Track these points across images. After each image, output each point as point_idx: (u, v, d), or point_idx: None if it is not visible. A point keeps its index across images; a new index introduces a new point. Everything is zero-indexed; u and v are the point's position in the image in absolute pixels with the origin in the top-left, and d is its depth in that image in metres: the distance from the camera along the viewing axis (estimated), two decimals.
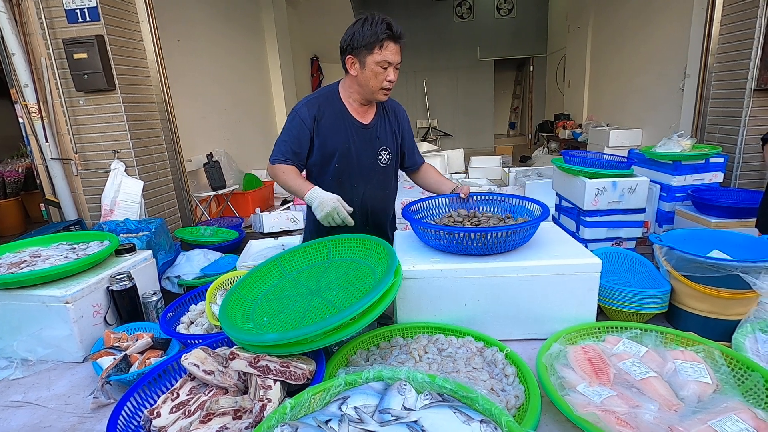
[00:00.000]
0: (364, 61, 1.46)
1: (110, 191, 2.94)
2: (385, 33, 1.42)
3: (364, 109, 1.62)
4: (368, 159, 1.64)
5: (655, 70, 4.89)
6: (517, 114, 13.33)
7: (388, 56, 1.45)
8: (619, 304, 1.26)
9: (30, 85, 2.90)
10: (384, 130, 1.67)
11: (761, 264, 1.11)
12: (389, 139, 1.68)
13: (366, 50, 1.44)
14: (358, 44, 1.45)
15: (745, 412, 0.79)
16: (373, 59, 1.45)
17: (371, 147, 1.64)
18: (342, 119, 1.59)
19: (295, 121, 1.57)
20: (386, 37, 1.42)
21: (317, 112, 1.56)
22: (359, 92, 1.56)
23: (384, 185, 1.72)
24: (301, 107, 1.57)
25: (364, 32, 1.43)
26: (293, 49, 7.17)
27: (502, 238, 1.21)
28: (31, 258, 1.52)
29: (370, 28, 1.43)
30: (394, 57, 1.46)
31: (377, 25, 1.42)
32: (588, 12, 6.86)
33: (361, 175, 1.64)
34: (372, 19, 1.44)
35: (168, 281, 2.36)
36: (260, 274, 1.24)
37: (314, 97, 1.60)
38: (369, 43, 1.43)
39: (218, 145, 4.95)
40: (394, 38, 1.45)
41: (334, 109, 1.58)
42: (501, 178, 5.24)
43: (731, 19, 2.99)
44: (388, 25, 1.43)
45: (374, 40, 1.42)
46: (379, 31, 1.41)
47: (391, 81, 1.49)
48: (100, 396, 1.09)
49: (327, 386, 0.84)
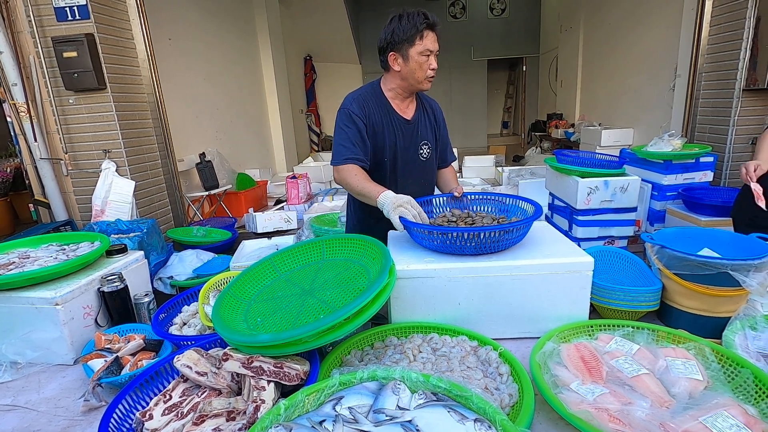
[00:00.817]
0: (407, 54, 1.51)
1: (101, 191, 2.91)
2: (424, 23, 1.48)
3: (406, 104, 1.67)
4: (411, 153, 1.68)
5: (646, 71, 4.93)
6: (510, 114, 13.39)
7: (429, 45, 1.50)
8: (612, 302, 1.27)
9: (18, 83, 2.86)
10: (424, 125, 1.72)
11: (750, 262, 1.12)
12: (429, 135, 1.73)
13: (408, 43, 1.50)
14: (399, 39, 1.50)
15: (735, 408, 0.80)
16: (415, 50, 1.50)
17: (414, 142, 1.68)
18: (388, 115, 1.62)
19: (349, 118, 1.57)
20: (425, 26, 1.48)
21: (366, 107, 1.58)
22: (403, 86, 1.60)
23: (423, 179, 1.76)
24: (351, 104, 1.59)
25: (403, 27, 1.48)
26: (286, 49, 7.15)
27: (495, 237, 1.22)
28: (20, 259, 1.50)
29: (409, 21, 1.48)
30: (434, 44, 1.52)
31: (415, 17, 1.48)
32: (580, 12, 6.90)
33: (405, 169, 1.68)
34: (408, 14, 1.50)
35: (160, 282, 2.34)
36: (253, 275, 1.23)
37: (359, 94, 1.62)
38: (410, 36, 1.48)
39: (211, 145, 4.92)
40: (432, 26, 1.50)
41: (380, 105, 1.61)
42: (494, 177, 5.26)
43: (720, 20, 3.03)
44: (425, 15, 1.49)
45: (414, 32, 1.48)
46: (418, 23, 1.47)
47: (434, 69, 1.55)
48: (91, 399, 1.07)
49: (321, 387, 0.83)
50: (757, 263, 1.12)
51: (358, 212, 1.78)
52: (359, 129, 1.57)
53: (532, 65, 10.93)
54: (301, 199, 4.17)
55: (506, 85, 13.16)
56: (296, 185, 4.15)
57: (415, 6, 1.52)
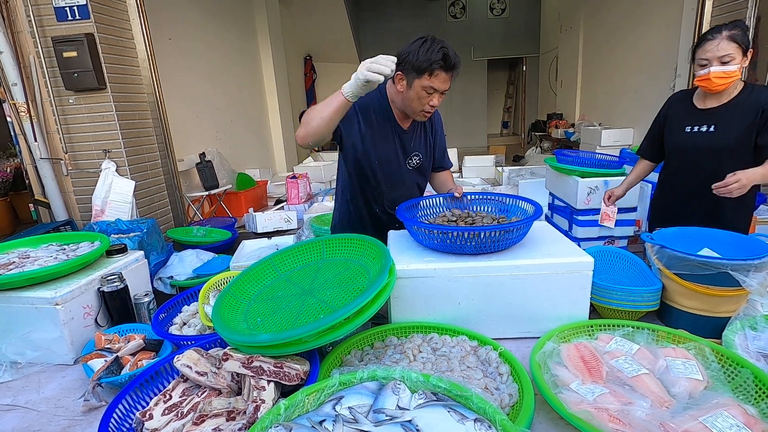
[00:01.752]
0: (412, 82, 1.43)
1: (101, 191, 2.91)
2: (439, 63, 1.38)
3: (403, 115, 1.61)
4: (400, 162, 1.66)
5: (646, 70, 4.94)
6: (510, 113, 13.40)
7: (436, 84, 1.42)
8: (612, 302, 1.27)
9: (18, 83, 2.86)
10: (419, 136, 1.67)
11: (750, 262, 1.12)
12: (421, 146, 1.69)
13: (416, 73, 1.41)
14: (410, 65, 1.40)
15: (735, 408, 0.80)
16: (420, 83, 1.42)
17: (404, 152, 1.65)
18: (388, 119, 1.58)
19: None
20: (439, 66, 1.39)
21: (372, 105, 1.54)
22: (399, 107, 1.56)
23: (411, 184, 1.74)
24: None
25: (419, 55, 1.38)
26: (286, 49, 7.16)
27: (495, 237, 1.22)
28: (20, 259, 1.50)
29: (426, 54, 1.37)
30: (442, 85, 1.44)
31: (433, 52, 1.37)
32: (580, 12, 6.91)
33: (391, 176, 1.66)
34: (431, 43, 1.39)
35: (160, 282, 2.34)
36: (253, 275, 1.23)
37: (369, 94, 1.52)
38: (420, 68, 1.39)
39: (211, 145, 4.93)
40: (447, 68, 1.41)
41: (382, 108, 1.57)
42: (494, 177, 5.26)
43: (720, 20, 3.03)
44: (445, 54, 1.38)
45: (426, 67, 1.38)
46: (433, 60, 1.37)
47: (433, 106, 1.48)
48: (91, 398, 1.07)
49: (321, 386, 0.83)
50: (757, 263, 1.12)
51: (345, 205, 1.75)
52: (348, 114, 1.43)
53: (532, 65, 10.94)
54: (301, 199, 4.17)
55: (506, 85, 13.16)
56: (296, 185, 4.16)
57: (415, 7, 1.50)
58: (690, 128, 1.76)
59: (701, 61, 1.61)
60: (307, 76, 8.65)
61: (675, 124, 1.83)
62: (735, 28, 1.56)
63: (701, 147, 1.74)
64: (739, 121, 1.66)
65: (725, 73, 1.57)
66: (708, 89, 1.65)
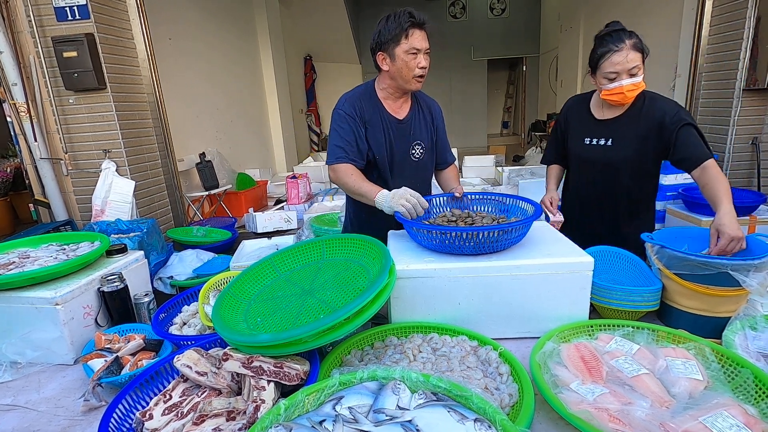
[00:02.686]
0: (394, 53, 1.51)
1: (101, 191, 2.91)
2: (408, 21, 1.47)
3: (399, 104, 1.66)
4: (403, 154, 1.68)
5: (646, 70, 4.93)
6: (510, 113, 13.40)
7: (416, 43, 1.49)
8: (612, 302, 1.27)
9: (18, 83, 2.86)
10: (419, 124, 1.71)
11: (750, 262, 1.12)
12: (424, 135, 1.72)
13: (393, 43, 1.50)
14: (386, 39, 1.50)
15: (735, 408, 0.80)
16: (401, 49, 1.50)
17: (405, 142, 1.68)
18: (379, 114, 1.63)
19: (345, 118, 1.59)
20: (410, 25, 1.47)
21: (359, 107, 1.60)
22: (393, 86, 1.60)
23: (417, 180, 1.73)
24: (344, 104, 1.60)
25: (389, 27, 1.49)
26: (286, 49, 7.15)
27: (494, 237, 1.22)
28: (20, 259, 1.49)
29: (394, 21, 1.48)
30: (422, 43, 1.50)
31: (400, 16, 1.48)
32: (580, 12, 6.91)
33: (398, 169, 1.68)
34: (395, 13, 1.50)
35: (160, 282, 2.34)
36: (253, 275, 1.23)
37: (352, 95, 1.63)
38: (395, 35, 1.48)
39: (211, 145, 4.93)
40: (419, 25, 1.49)
41: (372, 105, 1.62)
42: (494, 177, 5.26)
43: (721, 20, 3.03)
44: (410, 13, 1.48)
45: (399, 31, 1.48)
46: (403, 21, 1.47)
47: (423, 67, 1.54)
48: (91, 398, 1.07)
49: (321, 386, 0.83)
50: (757, 263, 1.12)
51: (352, 207, 1.80)
52: (353, 129, 1.58)
53: (532, 65, 10.94)
54: (301, 199, 4.17)
55: (506, 85, 13.16)
56: (296, 185, 4.15)
57: (415, 7, 1.53)
58: (589, 140, 1.70)
59: (609, 74, 1.51)
60: (307, 76, 8.65)
61: (574, 134, 1.76)
62: (633, 36, 1.50)
63: (599, 160, 1.69)
64: (635, 133, 1.61)
65: (635, 85, 1.50)
66: (618, 103, 1.57)
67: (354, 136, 1.59)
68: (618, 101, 1.57)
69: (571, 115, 1.78)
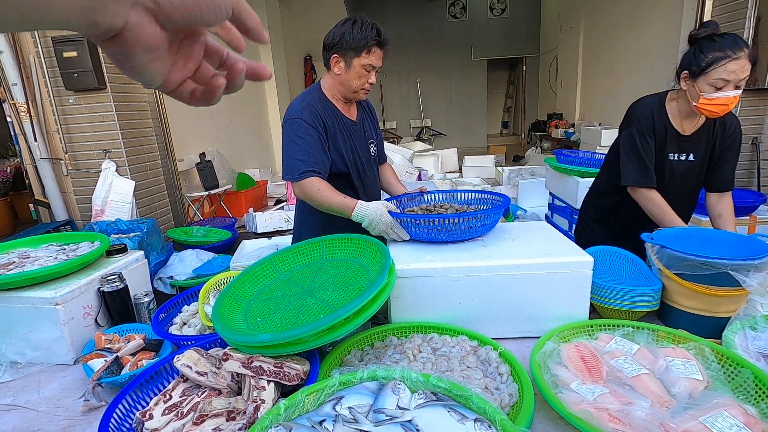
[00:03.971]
0: (351, 62, 1.50)
1: (101, 191, 2.91)
2: (375, 39, 1.46)
3: (348, 107, 1.66)
4: (365, 156, 1.70)
5: (646, 70, 4.93)
6: (510, 113, 13.40)
7: (374, 60, 1.50)
8: (612, 302, 1.27)
9: (18, 83, 2.86)
10: (368, 123, 1.75)
11: (750, 262, 1.12)
12: (372, 132, 1.75)
13: (354, 52, 1.48)
14: (347, 45, 1.47)
15: (735, 408, 0.80)
16: (359, 62, 1.49)
17: (363, 142, 1.69)
18: (337, 118, 1.60)
19: (306, 129, 1.50)
20: (375, 43, 1.47)
21: (321, 117, 1.54)
22: (340, 91, 1.59)
23: (376, 177, 1.79)
24: (302, 113, 1.51)
25: (354, 35, 1.46)
26: (286, 49, 7.15)
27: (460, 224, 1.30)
28: (20, 259, 1.50)
29: (360, 32, 1.45)
30: (378, 62, 1.52)
31: (367, 29, 1.46)
32: (579, 12, 6.91)
33: (365, 170, 1.70)
34: (362, 23, 1.46)
35: (160, 282, 2.34)
36: (253, 275, 1.23)
37: (307, 103, 1.55)
38: (358, 47, 1.47)
39: (211, 145, 4.93)
40: (382, 44, 1.50)
41: (328, 110, 1.58)
42: (494, 177, 5.26)
43: (720, 20, 3.03)
44: (378, 31, 1.47)
45: (363, 44, 1.46)
46: (369, 37, 1.45)
47: (372, 83, 1.56)
48: (91, 398, 1.07)
49: (321, 386, 0.83)
50: (757, 263, 1.12)
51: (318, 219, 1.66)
52: (315, 138, 1.50)
53: (532, 65, 10.94)
54: None
55: (506, 85, 13.17)
56: None
57: (415, 7, 1.54)
58: (674, 155, 1.58)
59: (718, 82, 1.35)
60: (307, 76, 8.65)
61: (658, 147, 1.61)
62: (747, 45, 1.36)
63: (678, 173, 1.61)
64: (707, 145, 1.57)
65: (737, 98, 1.37)
66: (715, 114, 1.42)
67: (318, 147, 1.51)
68: (717, 113, 1.42)
69: (659, 126, 1.59)
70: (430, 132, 11.18)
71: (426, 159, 5.68)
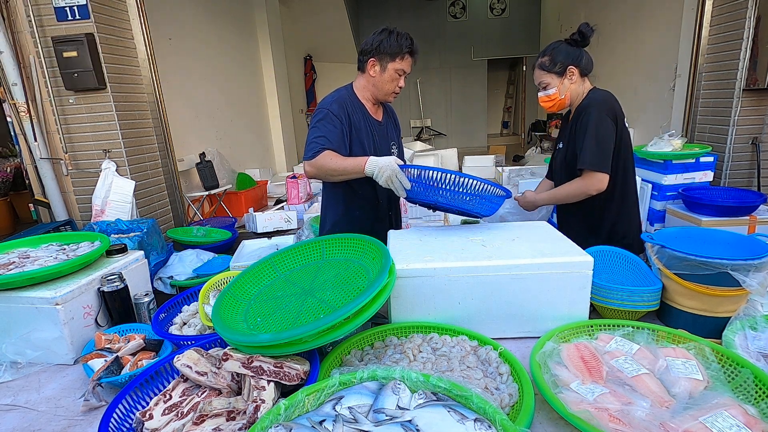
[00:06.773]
0: (386, 66, 1.65)
1: (101, 191, 2.91)
2: (409, 48, 1.64)
3: (375, 108, 1.79)
4: (385, 153, 1.77)
5: (646, 71, 4.93)
6: (510, 113, 13.39)
7: (406, 66, 1.67)
8: (612, 302, 1.27)
9: (18, 83, 2.86)
10: (390, 127, 1.87)
11: (750, 262, 1.12)
12: (394, 135, 1.87)
13: (389, 57, 1.64)
14: (384, 51, 1.63)
15: (736, 408, 0.80)
16: (393, 66, 1.65)
17: (386, 143, 1.80)
18: (364, 117, 1.72)
19: (329, 117, 1.63)
20: (408, 51, 1.64)
21: (346, 109, 1.67)
22: (373, 92, 1.73)
23: None
24: (331, 105, 1.65)
25: (391, 42, 1.62)
26: (286, 48, 7.15)
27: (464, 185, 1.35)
28: (20, 259, 1.50)
29: (397, 40, 1.62)
30: (409, 68, 1.68)
31: (403, 39, 1.63)
32: (580, 12, 6.91)
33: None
34: (398, 33, 1.64)
35: (160, 282, 2.34)
36: (253, 275, 1.23)
37: (338, 97, 1.69)
38: (394, 53, 1.63)
39: (211, 145, 4.92)
40: (413, 53, 1.67)
41: (357, 108, 1.71)
42: (494, 177, 5.26)
43: (720, 20, 3.03)
44: (411, 40, 1.65)
45: (399, 51, 1.63)
46: (404, 45, 1.63)
47: (401, 87, 1.71)
48: (91, 398, 1.07)
49: (321, 386, 0.83)
50: (757, 263, 1.12)
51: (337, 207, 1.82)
52: (338, 127, 1.62)
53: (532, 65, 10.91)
54: (301, 199, 4.17)
55: (506, 85, 13.16)
56: (296, 185, 4.15)
57: (415, 7, 1.57)
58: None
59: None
60: (307, 76, 8.65)
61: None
62: (543, 56, 1.72)
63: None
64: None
65: (548, 96, 1.74)
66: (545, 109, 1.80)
67: (337, 134, 1.62)
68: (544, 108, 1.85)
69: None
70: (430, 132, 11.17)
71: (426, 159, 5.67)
